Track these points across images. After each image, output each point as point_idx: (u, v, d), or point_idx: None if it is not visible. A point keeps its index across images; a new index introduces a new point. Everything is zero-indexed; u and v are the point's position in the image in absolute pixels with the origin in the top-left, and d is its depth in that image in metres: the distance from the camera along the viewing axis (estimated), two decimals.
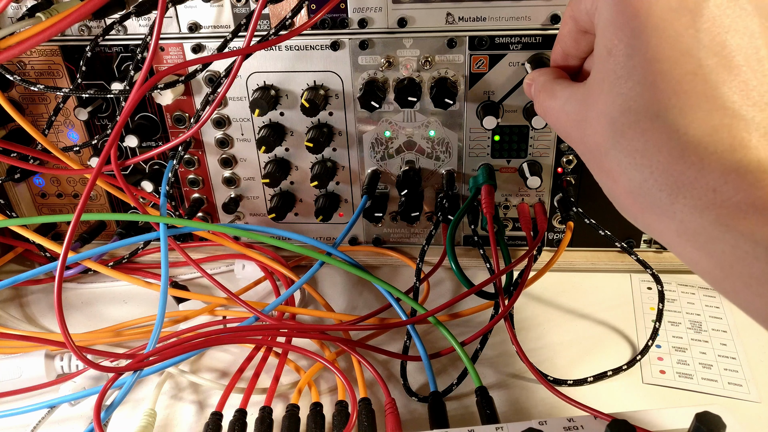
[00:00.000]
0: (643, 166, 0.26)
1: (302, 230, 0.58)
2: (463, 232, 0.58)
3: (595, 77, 0.29)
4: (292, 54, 0.49)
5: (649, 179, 0.26)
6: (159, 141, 0.55)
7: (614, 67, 0.28)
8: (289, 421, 0.42)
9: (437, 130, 0.52)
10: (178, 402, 0.47)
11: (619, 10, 0.27)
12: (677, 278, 0.55)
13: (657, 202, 0.26)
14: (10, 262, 0.60)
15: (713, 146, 0.24)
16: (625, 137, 0.27)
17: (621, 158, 0.27)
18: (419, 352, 0.46)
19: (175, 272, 0.59)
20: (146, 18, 0.48)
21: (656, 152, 0.26)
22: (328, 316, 0.53)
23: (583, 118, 0.30)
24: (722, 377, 0.46)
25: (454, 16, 0.47)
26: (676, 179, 0.25)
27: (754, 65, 0.25)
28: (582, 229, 0.55)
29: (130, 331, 0.52)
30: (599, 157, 0.29)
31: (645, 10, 0.26)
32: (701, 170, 0.24)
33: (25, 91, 0.53)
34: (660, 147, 0.25)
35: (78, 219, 0.42)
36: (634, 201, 0.27)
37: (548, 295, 0.54)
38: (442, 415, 0.41)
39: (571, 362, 0.48)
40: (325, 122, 0.52)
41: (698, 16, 0.26)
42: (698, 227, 0.25)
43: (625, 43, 0.27)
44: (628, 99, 0.27)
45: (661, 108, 0.26)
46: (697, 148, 0.24)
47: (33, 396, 0.47)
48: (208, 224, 0.57)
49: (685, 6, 0.26)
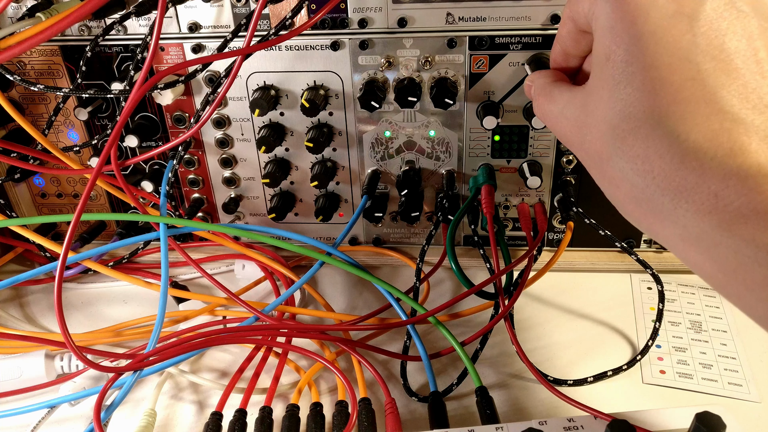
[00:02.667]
0: (645, 172, 0.26)
1: (302, 230, 0.58)
2: (463, 232, 0.58)
3: (594, 83, 0.29)
4: (292, 54, 0.49)
5: (651, 185, 0.26)
6: (159, 141, 0.55)
7: (613, 73, 0.28)
8: (289, 421, 0.42)
9: (437, 130, 0.52)
10: (178, 402, 0.47)
11: (617, 17, 0.27)
12: (677, 278, 0.55)
13: (660, 207, 0.26)
14: (10, 262, 0.60)
15: (713, 151, 0.24)
16: (626, 143, 0.27)
17: (622, 164, 0.27)
18: (419, 352, 0.46)
19: (175, 272, 0.59)
20: (146, 18, 0.48)
21: (657, 158, 0.26)
22: (328, 316, 0.53)
23: (583, 123, 0.30)
24: (722, 377, 0.46)
25: (454, 16, 0.47)
26: (677, 184, 0.25)
27: (752, 67, 0.25)
28: (582, 229, 0.55)
29: (130, 331, 0.52)
30: (600, 163, 0.29)
31: (642, 17, 0.26)
32: (702, 175, 0.24)
33: (25, 91, 0.53)
34: (661, 153, 0.25)
35: (78, 219, 0.42)
36: (637, 206, 0.27)
37: (548, 295, 0.54)
38: (442, 415, 0.41)
39: (571, 362, 0.48)
40: (325, 122, 0.52)
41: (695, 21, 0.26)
42: (700, 232, 0.25)
43: (624, 49, 0.27)
44: (628, 105, 0.27)
45: (661, 114, 0.26)
46: (697, 154, 0.24)
47: (33, 396, 0.47)
48: (208, 224, 0.57)
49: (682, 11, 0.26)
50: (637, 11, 0.27)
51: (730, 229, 0.23)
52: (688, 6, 0.26)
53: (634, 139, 0.26)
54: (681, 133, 0.25)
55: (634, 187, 0.27)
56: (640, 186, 0.26)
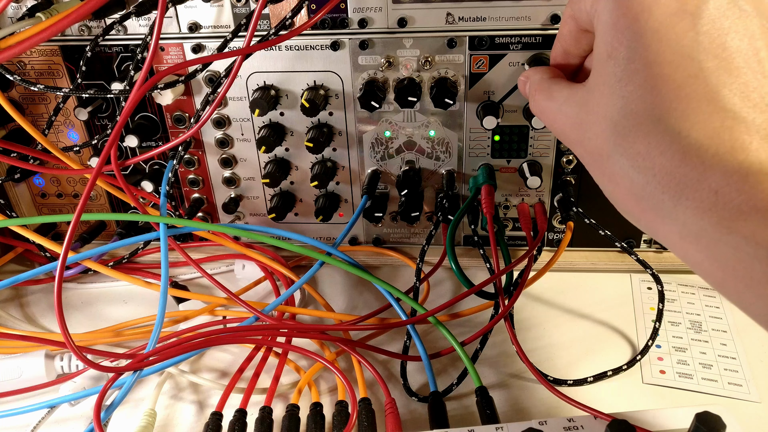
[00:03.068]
0: (646, 169, 0.26)
1: (302, 230, 0.58)
2: (463, 232, 0.58)
3: (596, 80, 0.29)
4: (292, 54, 0.49)
5: (651, 182, 0.26)
6: (159, 141, 0.55)
7: (615, 70, 0.28)
8: (289, 421, 0.42)
9: (437, 130, 0.52)
10: (178, 402, 0.47)
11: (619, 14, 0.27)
12: (677, 278, 0.55)
13: (660, 204, 0.26)
14: (10, 262, 0.60)
15: (714, 148, 0.24)
16: (627, 140, 0.27)
17: (623, 161, 0.27)
18: (419, 352, 0.46)
19: (175, 272, 0.59)
20: (146, 18, 0.48)
21: (659, 155, 0.26)
22: (328, 316, 0.53)
23: (583, 120, 0.30)
24: (722, 377, 0.46)
25: (454, 16, 0.47)
26: (678, 181, 0.25)
27: (754, 66, 0.25)
28: (582, 229, 0.55)
29: (130, 331, 0.52)
30: (600, 160, 0.29)
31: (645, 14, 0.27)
32: (703, 173, 0.24)
33: (25, 91, 0.53)
34: (663, 150, 0.25)
35: (78, 219, 0.42)
36: (636, 203, 0.28)
37: (548, 295, 0.54)
38: (442, 415, 0.41)
39: (571, 362, 0.48)
40: (325, 122, 0.52)
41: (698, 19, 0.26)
42: (700, 229, 0.25)
43: (626, 46, 0.27)
44: (630, 102, 0.27)
45: (663, 111, 0.26)
46: (698, 151, 0.24)
47: (33, 396, 0.47)
48: (208, 224, 0.57)
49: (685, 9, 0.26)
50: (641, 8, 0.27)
51: (729, 226, 0.24)
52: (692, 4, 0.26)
53: (636, 135, 0.26)
54: (682, 129, 0.25)
55: (634, 184, 0.27)
56: (640, 183, 0.27)
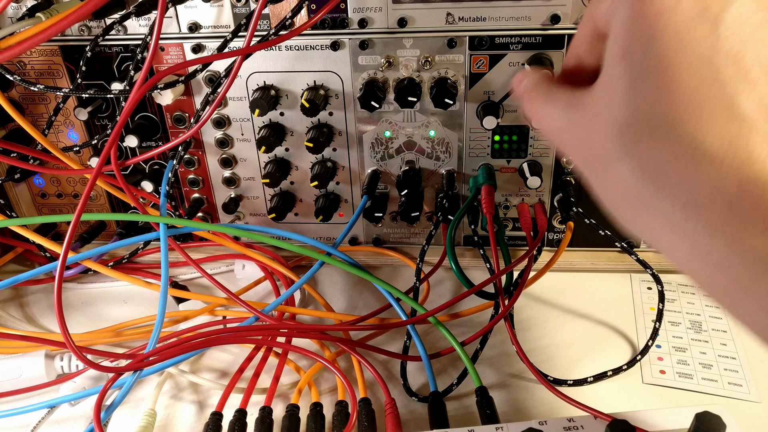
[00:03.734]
0: (656, 178, 0.25)
1: (302, 230, 0.58)
2: (463, 232, 0.58)
3: (605, 82, 0.28)
4: (292, 54, 0.49)
5: (661, 191, 0.25)
6: (159, 141, 0.55)
7: (628, 71, 0.27)
8: (289, 421, 0.42)
9: (437, 130, 0.52)
10: (178, 402, 0.47)
11: (639, 13, 0.27)
12: (677, 278, 0.55)
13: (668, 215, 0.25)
14: (10, 262, 0.60)
15: (730, 158, 0.23)
16: (637, 146, 0.26)
17: (631, 169, 0.26)
18: (419, 352, 0.46)
19: (175, 272, 0.59)
20: (146, 18, 0.48)
21: (672, 161, 0.25)
22: (328, 316, 0.53)
23: (587, 125, 0.29)
24: (722, 377, 0.46)
25: (454, 16, 0.47)
26: (690, 191, 0.24)
27: None
28: (582, 229, 0.55)
29: (130, 331, 0.52)
30: (604, 168, 0.28)
31: (666, 15, 0.26)
32: (718, 183, 0.24)
33: (25, 91, 0.53)
34: (676, 157, 0.25)
35: (78, 219, 0.42)
36: (640, 213, 0.27)
37: (548, 295, 0.54)
38: (442, 415, 0.41)
39: (571, 362, 0.48)
40: (325, 122, 0.52)
41: (719, 24, 0.25)
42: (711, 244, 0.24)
43: (643, 46, 0.26)
44: (643, 106, 0.26)
45: (677, 117, 0.25)
46: (713, 160, 0.24)
47: (33, 396, 0.47)
48: (208, 224, 0.57)
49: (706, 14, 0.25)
50: (661, 10, 0.26)
51: (743, 240, 0.23)
52: (714, 8, 0.25)
53: (647, 142, 0.26)
54: (697, 136, 0.24)
55: (643, 194, 0.26)
56: (648, 193, 0.26)
